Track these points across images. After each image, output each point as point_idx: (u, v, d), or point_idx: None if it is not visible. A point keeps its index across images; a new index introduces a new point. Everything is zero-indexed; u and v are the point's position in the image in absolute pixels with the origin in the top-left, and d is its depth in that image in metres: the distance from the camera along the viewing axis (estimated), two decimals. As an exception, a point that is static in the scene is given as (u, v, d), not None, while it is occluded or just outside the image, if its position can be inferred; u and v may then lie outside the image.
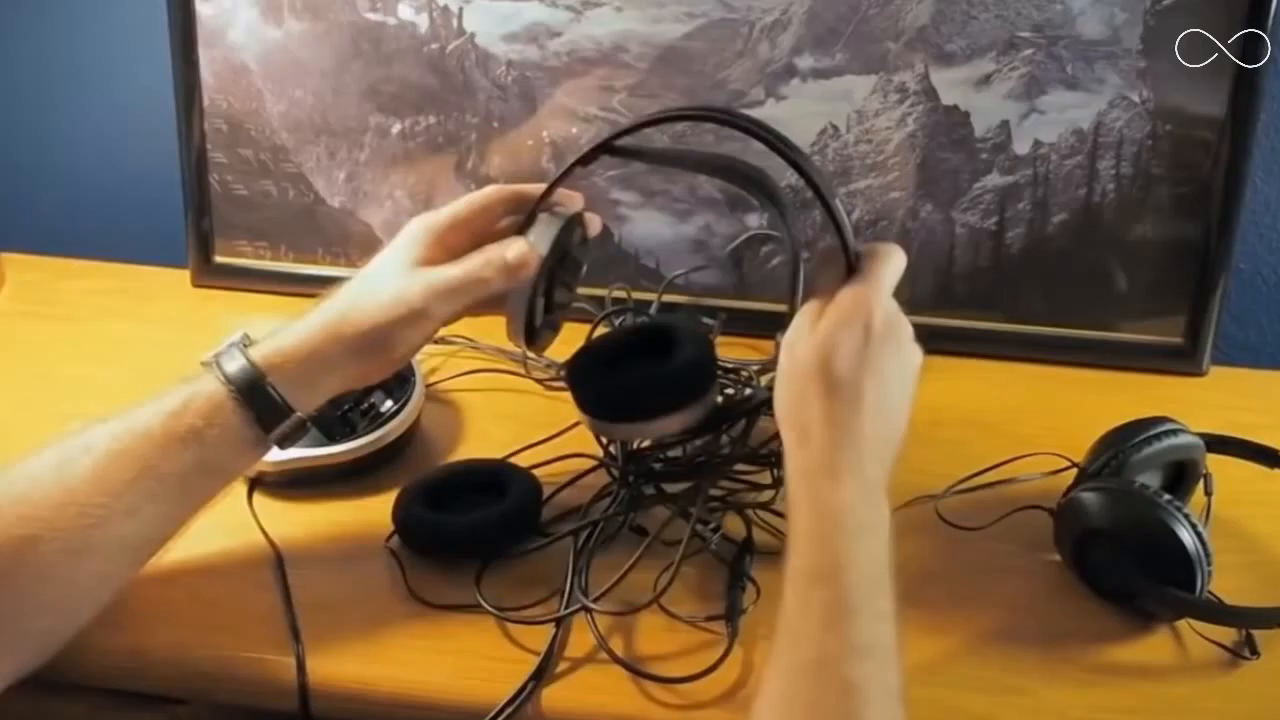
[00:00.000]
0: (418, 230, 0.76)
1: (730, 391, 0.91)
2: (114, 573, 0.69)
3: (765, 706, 0.58)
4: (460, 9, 1.06)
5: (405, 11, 1.07)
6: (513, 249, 0.74)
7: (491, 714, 0.68)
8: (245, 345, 0.71)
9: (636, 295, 1.06)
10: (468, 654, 0.72)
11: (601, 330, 0.99)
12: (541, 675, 0.70)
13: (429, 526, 0.79)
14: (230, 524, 0.82)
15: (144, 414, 0.69)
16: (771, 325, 0.76)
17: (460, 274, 0.73)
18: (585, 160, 0.75)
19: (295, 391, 0.71)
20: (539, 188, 0.77)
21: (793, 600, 0.60)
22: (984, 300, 1.07)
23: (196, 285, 1.16)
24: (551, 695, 0.70)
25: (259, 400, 0.70)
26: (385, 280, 0.73)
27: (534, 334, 0.76)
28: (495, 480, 0.82)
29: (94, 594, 0.69)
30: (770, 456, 0.85)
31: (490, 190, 0.78)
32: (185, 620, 0.74)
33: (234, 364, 0.70)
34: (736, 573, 0.77)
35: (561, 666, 0.71)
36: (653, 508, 0.82)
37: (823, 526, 0.62)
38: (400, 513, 0.80)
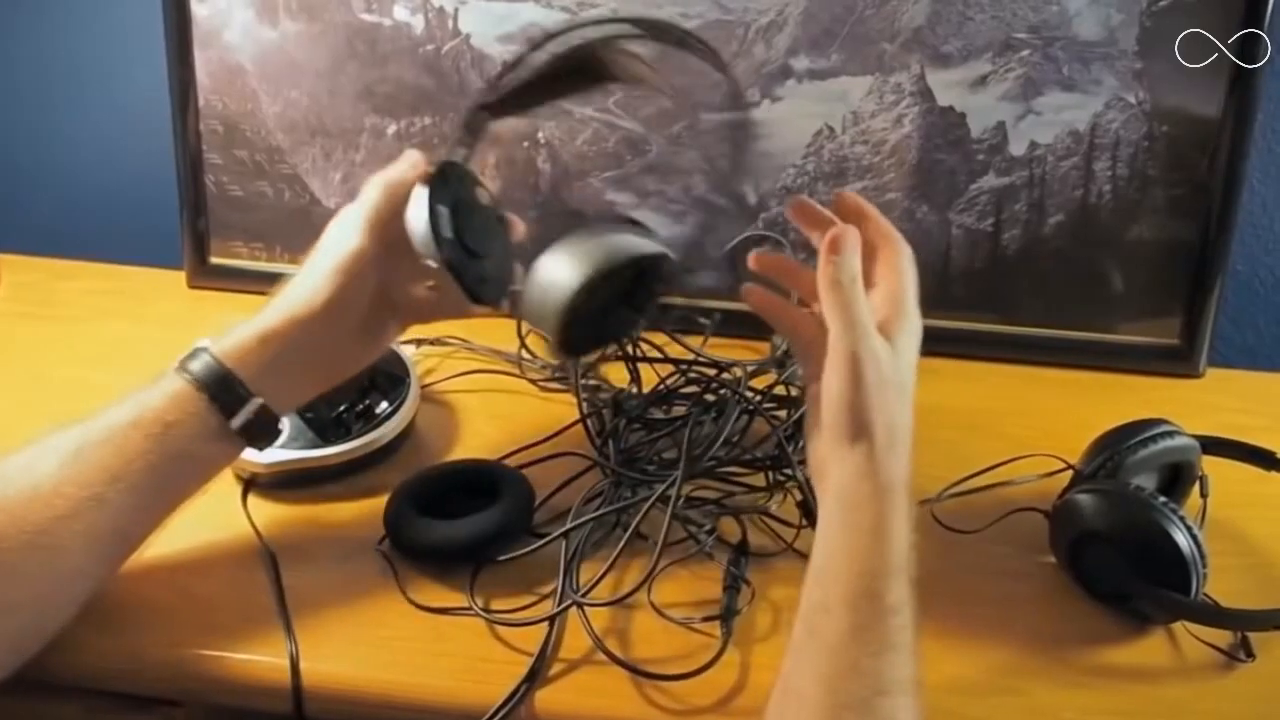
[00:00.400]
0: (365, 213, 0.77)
1: (724, 391, 0.90)
2: (87, 568, 0.69)
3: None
4: (455, 10, 1.06)
5: (400, 12, 1.07)
6: (406, 157, 0.78)
7: (485, 716, 0.68)
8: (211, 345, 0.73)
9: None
10: (462, 656, 0.72)
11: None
12: (535, 677, 0.70)
13: (419, 533, 0.78)
14: (224, 525, 0.82)
15: (112, 412, 0.70)
16: (767, 326, 0.76)
17: (371, 193, 0.77)
18: (471, 125, 0.77)
19: (259, 377, 0.72)
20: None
21: (844, 617, 0.60)
22: (980, 302, 1.07)
23: (192, 286, 1.16)
24: (545, 697, 0.69)
25: (219, 388, 0.71)
26: (322, 252, 0.76)
27: (442, 240, 0.74)
28: (488, 482, 0.82)
29: (68, 591, 0.69)
30: (764, 460, 0.85)
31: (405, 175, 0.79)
32: (179, 622, 0.74)
33: (198, 360, 0.72)
34: (732, 575, 0.77)
35: (555, 669, 0.71)
36: (637, 502, 0.81)
37: (894, 550, 0.62)
38: (391, 518, 0.80)
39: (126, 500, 0.68)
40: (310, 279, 0.75)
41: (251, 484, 0.85)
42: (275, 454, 0.84)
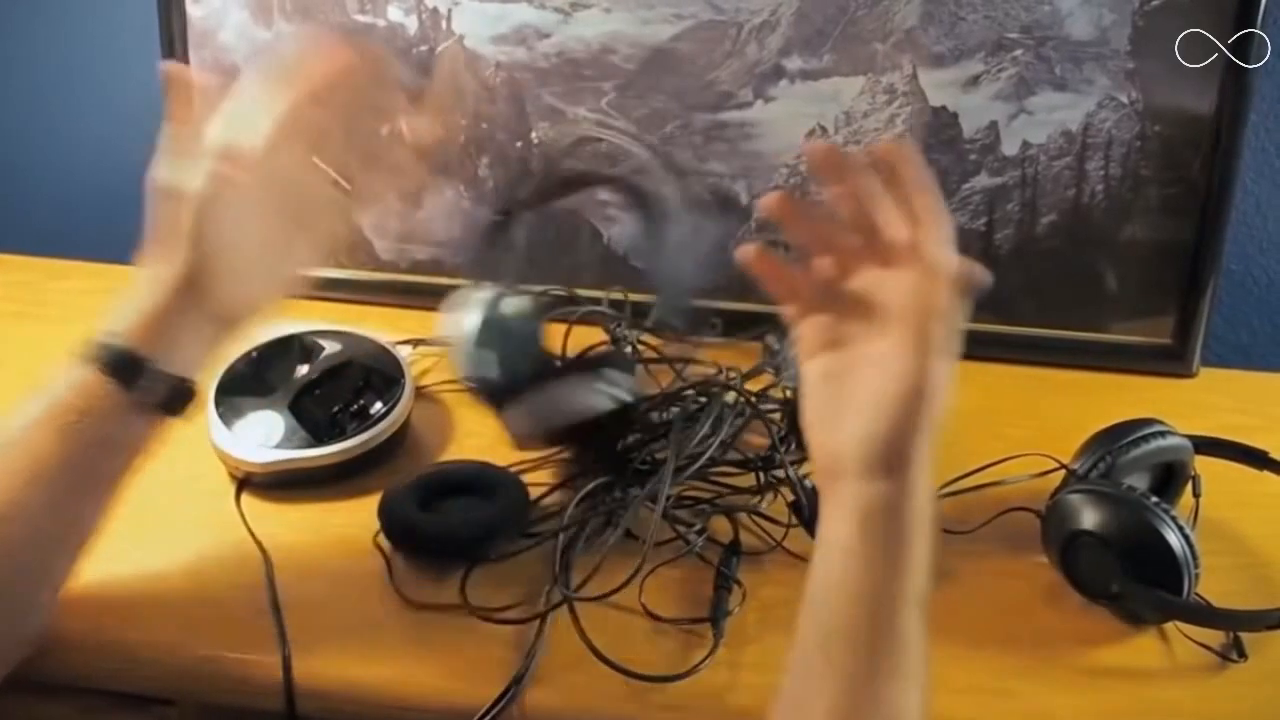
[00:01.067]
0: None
1: (717, 390, 0.90)
2: (34, 572, 0.68)
3: None
4: (449, 11, 1.06)
5: (394, 13, 1.07)
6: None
7: (477, 715, 0.68)
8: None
9: (634, 297, 1.05)
10: (455, 655, 0.72)
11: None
12: (526, 676, 0.70)
13: (415, 528, 0.79)
14: (218, 525, 0.82)
15: (21, 412, 0.68)
16: (764, 327, 0.76)
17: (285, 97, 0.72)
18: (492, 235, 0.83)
19: (160, 348, 0.69)
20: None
21: (864, 647, 0.59)
22: (973, 301, 1.06)
23: (187, 286, 1.16)
24: (536, 696, 0.69)
25: (120, 366, 0.68)
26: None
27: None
28: (483, 482, 0.82)
29: (25, 596, 0.68)
30: (756, 460, 0.85)
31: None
32: (172, 621, 0.74)
33: (94, 345, 0.69)
34: (723, 575, 0.77)
35: (547, 669, 0.71)
36: (631, 501, 0.81)
37: (917, 581, 0.60)
38: (387, 514, 0.80)
39: (46, 499, 0.67)
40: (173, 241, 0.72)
41: (245, 484, 0.85)
42: (269, 454, 0.84)
